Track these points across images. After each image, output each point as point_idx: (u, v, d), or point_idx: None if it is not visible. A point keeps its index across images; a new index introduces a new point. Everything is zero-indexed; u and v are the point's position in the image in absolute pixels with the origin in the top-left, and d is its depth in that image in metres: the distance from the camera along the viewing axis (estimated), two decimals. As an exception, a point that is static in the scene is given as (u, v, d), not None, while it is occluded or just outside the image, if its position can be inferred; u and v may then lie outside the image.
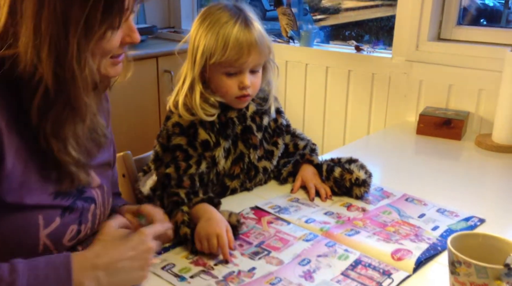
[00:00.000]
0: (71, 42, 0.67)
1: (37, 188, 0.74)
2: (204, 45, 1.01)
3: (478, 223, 1.01)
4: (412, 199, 1.11)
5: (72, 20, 0.67)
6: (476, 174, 1.32)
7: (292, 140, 1.24)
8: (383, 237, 0.93)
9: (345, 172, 1.10)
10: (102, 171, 0.89)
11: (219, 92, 1.06)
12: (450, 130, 1.57)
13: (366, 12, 2.98)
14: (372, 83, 1.88)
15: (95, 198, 0.84)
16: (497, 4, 2.36)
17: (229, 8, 1.04)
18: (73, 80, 0.69)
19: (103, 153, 0.90)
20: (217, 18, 1.02)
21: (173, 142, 1.04)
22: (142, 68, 2.09)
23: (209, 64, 1.02)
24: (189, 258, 0.87)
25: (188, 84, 1.04)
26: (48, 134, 0.72)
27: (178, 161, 1.03)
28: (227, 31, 1.00)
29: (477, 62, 1.62)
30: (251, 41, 1.01)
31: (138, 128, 2.12)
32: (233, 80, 1.04)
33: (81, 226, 0.81)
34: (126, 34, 0.77)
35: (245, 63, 1.02)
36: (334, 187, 1.11)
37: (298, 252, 0.89)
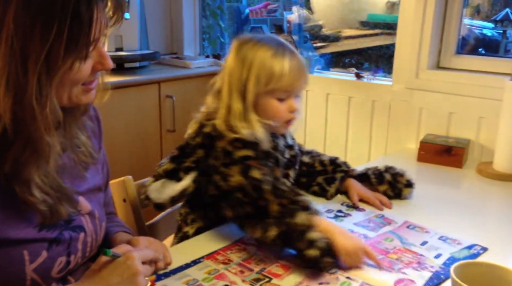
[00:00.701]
0: (30, 80, 0.64)
1: (20, 222, 0.71)
2: (257, 77, 1.06)
3: (481, 251, 1.00)
4: (414, 226, 1.11)
5: (31, 56, 0.63)
6: (477, 202, 1.31)
7: (312, 157, 1.30)
8: (385, 265, 0.92)
9: (397, 176, 1.25)
10: (92, 196, 0.87)
11: (269, 117, 1.10)
12: (451, 157, 1.57)
13: (366, 40, 3.02)
14: (372, 110, 1.89)
15: (84, 226, 0.82)
16: (495, 34, 2.39)
17: (268, 41, 1.10)
18: (33, 119, 0.65)
19: (93, 177, 0.88)
20: (263, 51, 1.07)
21: (238, 154, 1.02)
22: (144, 93, 2.11)
23: (261, 92, 1.07)
24: (189, 284, 0.86)
25: (237, 114, 1.06)
26: (8, 175, 0.68)
27: (255, 166, 1.01)
28: (279, 61, 1.07)
29: (477, 91, 1.64)
30: (301, 67, 1.10)
31: (139, 152, 2.12)
32: (284, 105, 1.10)
33: (70, 257, 0.79)
34: (97, 61, 0.74)
35: (297, 87, 1.10)
36: (388, 190, 1.24)
37: (300, 279, 0.88)
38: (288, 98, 1.10)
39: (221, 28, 2.67)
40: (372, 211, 1.19)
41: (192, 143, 1.09)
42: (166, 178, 1.10)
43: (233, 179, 0.99)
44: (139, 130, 2.11)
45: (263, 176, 0.98)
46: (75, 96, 0.74)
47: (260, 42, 1.09)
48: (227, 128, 1.05)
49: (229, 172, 1.00)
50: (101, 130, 0.95)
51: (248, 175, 0.98)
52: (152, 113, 2.15)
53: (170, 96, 2.17)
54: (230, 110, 1.07)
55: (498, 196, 1.40)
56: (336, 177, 1.26)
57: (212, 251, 0.98)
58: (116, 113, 1.99)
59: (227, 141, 1.04)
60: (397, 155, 1.72)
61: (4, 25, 0.63)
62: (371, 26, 3.08)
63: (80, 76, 0.72)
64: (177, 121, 2.22)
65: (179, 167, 1.10)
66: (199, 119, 1.12)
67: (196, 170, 1.09)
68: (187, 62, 2.33)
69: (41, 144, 0.68)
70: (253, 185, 0.97)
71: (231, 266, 0.92)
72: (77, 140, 0.83)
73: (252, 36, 1.12)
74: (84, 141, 0.84)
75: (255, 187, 0.97)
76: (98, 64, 0.74)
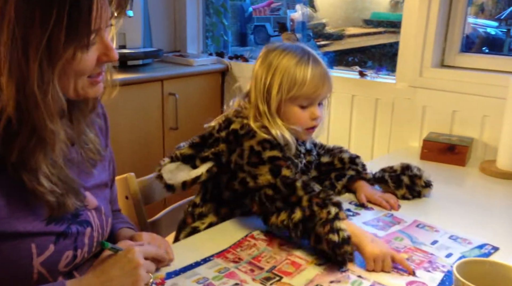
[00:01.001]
0: (32, 67, 0.64)
1: (28, 215, 0.72)
2: (280, 83, 1.09)
3: (492, 251, 1.00)
4: (424, 226, 1.10)
5: (32, 43, 0.64)
6: (482, 201, 1.31)
7: (331, 155, 1.31)
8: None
9: (415, 178, 1.24)
10: (99, 192, 0.87)
11: (291, 124, 1.11)
12: (454, 156, 1.56)
13: (369, 38, 3.02)
14: (375, 108, 1.89)
15: (91, 221, 0.83)
16: (499, 33, 2.39)
17: (294, 49, 1.12)
18: (35, 107, 0.66)
19: (101, 173, 0.88)
20: (287, 59, 1.09)
21: (267, 155, 1.04)
22: (147, 91, 2.11)
23: (284, 99, 1.09)
24: (199, 282, 0.86)
25: (267, 117, 1.09)
26: (16, 165, 0.69)
27: (285, 166, 1.03)
28: (302, 69, 1.08)
29: (481, 89, 1.64)
30: (324, 75, 1.11)
31: (142, 150, 2.13)
32: (306, 112, 1.12)
33: (77, 251, 0.79)
34: (103, 53, 0.73)
35: (320, 95, 1.12)
36: (407, 194, 1.24)
37: (311, 277, 0.88)
38: (311, 106, 1.12)
39: (225, 26, 2.67)
40: (380, 210, 1.19)
41: (215, 135, 1.11)
42: (183, 161, 1.12)
43: (263, 178, 1.01)
44: (142, 127, 2.11)
45: (293, 174, 1.01)
46: (81, 89, 0.74)
47: (286, 50, 1.11)
48: (258, 127, 1.07)
49: (258, 171, 1.02)
50: (108, 128, 0.95)
51: (279, 174, 1.00)
52: (155, 110, 2.15)
53: (173, 93, 2.17)
54: (260, 112, 1.10)
55: (502, 194, 1.39)
56: (346, 174, 1.27)
57: (222, 249, 0.98)
58: (119, 110, 1.99)
59: (256, 141, 1.05)
60: (400, 153, 1.71)
61: (5, 14, 0.64)
62: (374, 24, 3.07)
63: (84, 67, 0.71)
64: (179, 119, 2.22)
65: (197, 155, 1.12)
66: (227, 114, 1.13)
67: (213, 161, 1.11)
68: (190, 60, 2.33)
69: (46, 132, 0.68)
70: (285, 183, 0.99)
71: (241, 265, 0.92)
72: (85, 137, 0.83)
73: (280, 44, 1.14)
74: (92, 138, 0.85)
75: (287, 185, 0.99)
76: (103, 56, 0.74)
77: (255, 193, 1.02)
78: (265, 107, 1.09)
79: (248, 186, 1.03)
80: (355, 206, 1.21)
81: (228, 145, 1.08)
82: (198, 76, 2.31)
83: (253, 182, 1.02)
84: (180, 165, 1.11)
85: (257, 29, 3.57)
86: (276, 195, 0.99)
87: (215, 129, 1.12)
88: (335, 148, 1.33)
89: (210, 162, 1.11)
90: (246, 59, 2.41)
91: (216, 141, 1.11)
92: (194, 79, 2.30)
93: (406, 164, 1.27)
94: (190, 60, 2.33)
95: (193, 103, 2.30)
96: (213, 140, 1.12)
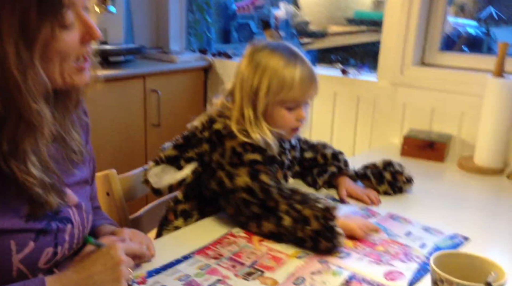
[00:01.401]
0: (8, 50, 0.64)
1: (7, 212, 0.71)
2: (268, 86, 1.08)
3: (463, 240, 1.03)
4: (398, 218, 1.13)
5: (4, 25, 0.63)
6: (458, 195, 1.34)
7: (315, 151, 1.31)
8: (374, 258, 0.94)
9: (397, 174, 1.26)
10: (79, 189, 0.87)
11: (276, 125, 1.12)
12: (433, 152, 1.59)
13: (352, 37, 3.04)
14: (357, 105, 1.91)
15: (71, 218, 0.82)
16: (479, 33, 2.43)
17: (282, 49, 1.11)
18: (17, 90, 0.65)
19: (81, 171, 0.88)
20: (275, 60, 1.09)
21: (248, 157, 1.05)
22: (129, 88, 2.10)
23: (272, 101, 1.09)
24: (181, 280, 0.86)
25: (250, 120, 1.09)
26: (6, 153, 0.68)
27: (263, 171, 1.04)
28: (291, 71, 1.08)
29: (459, 87, 1.67)
30: (312, 76, 1.11)
31: (124, 147, 2.11)
32: (292, 113, 1.12)
33: (57, 248, 0.78)
34: (84, 32, 0.73)
35: (307, 97, 1.12)
36: (389, 189, 1.26)
37: (292, 270, 0.89)
38: (297, 107, 1.12)
39: (208, 23, 2.66)
40: (356, 203, 1.21)
41: (199, 135, 1.11)
42: (167, 163, 1.12)
43: (240, 179, 1.02)
44: (124, 124, 2.10)
45: (270, 180, 1.02)
46: (68, 75, 0.73)
47: (274, 51, 1.10)
48: (239, 131, 1.07)
49: (237, 172, 1.03)
50: (88, 124, 0.94)
51: (257, 179, 1.01)
52: (137, 107, 2.14)
53: (156, 90, 2.16)
54: (243, 115, 1.09)
55: (478, 189, 1.42)
56: (327, 170, 1.28)
57: (202, 246, 0.98)
58: (101, 107, 1.97)
59: (238, 142, 1.05)
60: (381, 150, 1.74)
61: None
62: (357, 23, 3.10)
63: (67, 48, 0.70)
64: (162, 116, 2.21)
65: (181, 156, 1.12)
66: (210, 114, 1.12)
67: (198, 162, 1.11)
68: (173, 56, 2.32)
69: (31, 114, 0.67)
70: (262, 188, 1.00)
71: (222, 261, 0.92)
72: (69, 137, 0.82)
73: (266, 44, 1.13)
74: (75, 138, 0.84)
75: (264, 190, 1.00)
76: (86, 35, 0.73)
77: (230, 195, 1.03)
78: (250, 111, 1.09)
79: (224, 186, 1.04)
80: (332, 200, 1.22)
81: (211, 145, 1.08)
82: (180, 73, 2.30)
83: (230, 183, 1.03)
84: (165, 167, 1.11)
85: (241, 27, 3.57)
86: (252, 199, 1.00)
87: (198, 129, 1.12)
88: (318, 143, 1.34)
89: (195, 162, 1.11)
90: (230, 56, 2.40)
91: (199, 141, 1.11)
92: (176, 76, 2.29)
93: (388, 160, 1.29)
94: (172, 57, 2.32)
95: (176, 100, 2.29)
96: (196, 141, 1.11)
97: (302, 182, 1.34)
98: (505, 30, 2.38)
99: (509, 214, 1.25)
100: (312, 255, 0.94)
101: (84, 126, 0.92)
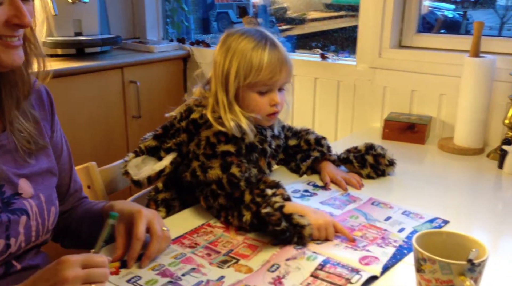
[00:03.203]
0: None
1: None
2: (237, 69, 1.07)
3: (442, 224, 1.03)
4: (378, 203, 1.13)
5: None
6: (439, 177, 1.35)
7: (298, 138, 1.31)
8: (350, 244, 0.93)
9: (379, 157, 1.26)
10: (39, 179, 0.85)
11: (250, 110, 1.10)
12: (414, 134, 1.60)
13: (331, 22, 3.03)
14: (338, 90, 1.91)
15: (27, 209, 0.80)
16: (456, 15, 2.44)
17: (253, 33, 1.10)
18: None
19: (41, 161, 0.86)
20: (244, 43, 1.08)
21: (221, 149, 1.04)
22: (107, 79, 2.05)
23: (242, 85, 1.07)
24: (155, 269, 0.85)
25: (224, 106, 1.07)
26: None
27: (235, 163, 1.02)
28: (259, 54, 1.07)
29: (437, 68, 1.68)
30: (282, 60, 1.09)
31: (104, 139, 2.08)
32: (265, 98, 1.10)
33: (9, 240, 0.76)
34: (13, 14, 0.71)
35: (278, 81, 1.09)
36: (371, 173, 1.25)
37: (267, 257, 0.88)
38: (270, 92, 1.10)
39: (185, 12, 2.62)
40: (338, 189, 1.20)
41: (177, 125, 1.11)
42: (148, 154, 1.11)
43: (213, 172, 1.01)
44: (103, 116, 2.06)
45: (240, 173, 1.00)
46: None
47: (244, 34, 1.09)
48: (214, 119, 1.05)
49: (210, 164, 1.02)
50: (53, 112, 0.92)
51: (228, 171, 1.00)
52: (116, 99, 2.10)
53: (134, 81, 2.13)
54: (218, 101, 1.08)
55: (459, 170, 1.44)
56: (310, 155, 1.28)
57: (178, 236, 0.97)
58: (78, 99, 1.93)
59: (212, 132, 1.05)
60: (362, 134, 1.74)
61: None
62: (335, 8, 3.09)
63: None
64: (142, 107, 2.18)
65: (161, 146, 1.11)
66: (188, 103, 1.12)
67: (177, 152, 1.10)
68: (150, 46, 2.29)
69: None
70: (231, 181, 0.99)
71: (197, 250, 0.91)
72: (19, 125, 0.81)
73: (239, 29, 1.12)
74: (27, 127, 0.82)
75: (231, 183, 0.99)
76: (13, 17, 0.71)
77: (203, 187, 1.03)
78: (223, 96, 1.07)
79: (198, 178, 1.03)
80: (313, 187, 1.22)
81: (188, 135, 1.08)
82: (159, 63, 2.27)
83: (203, 176, 1.02)
84: (145, 158, 1.11)
85: (220, 16, 3.53)
86: (220, 190, 1.00)
87: (177, 119, 1.11)
88: (302, 130, 1.34)
89: (174, 152, 1.10)
90: (208, 45, 2.38)
91: (178, 131, 1.10)
92: (155, 66, 2.25)
93: (370, 143, 1.29)
94: (150, 47, 2.28)
95: (156, 91, 2.26)
96: (175, 130, 1.11)
97: (286, 169, 1.33)
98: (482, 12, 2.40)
99: (489, 193, 1.26)
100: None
101: (47, 114, 0.90)
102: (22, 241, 0.79)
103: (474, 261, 0.67)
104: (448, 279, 0.69)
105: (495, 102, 1.56)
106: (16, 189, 0.80)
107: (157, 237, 0.86)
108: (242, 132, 1.06)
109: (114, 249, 0.88)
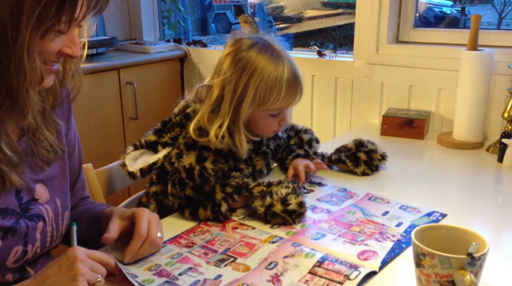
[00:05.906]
0: (22, 32, 0.64)
1: None
2: (254, 95, 1.03)
3: (440, 217, 1.02)
4: (375, 198, 1.11)
5: (25, 10, 0.64)
6: (438, 171, 1.34)
7: (296, 136, 1.31)
8: (348, 238, 0.92)
9: (372, 153, 1.25)
10: (55, 183, 0.84)
11: (258, 130, 1.11)
12: (412, 130, 1.59)
13: (328, 20, 3.02)
14: (335, 87, 1.90)
15: (43, 215, 0.80)
16: (454, 11, 2.43)
17: (268, 51, 1.05)
18: (20, 70, 0.66)
19: (55, 166, 0.86)
20: (261, 66, 1.03)
21: (202, 143, 1.04)
22: (104, 81, 2.05)
23: (256, 110, 1.06)
24: (152, 270, 0.84)
25: (227, 125, 1.04)
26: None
27: (210, 159, 1.02)
28: (278, 80, 1.03)
29: (435, 63, 1.66)
30: (300, 86, 1.08)
31: (102, 141, 2.07)
32: (276, 118, 1.10)
33: (27, 246, 0.76)
34: (67, 45, 0.73)
35: (292, 104, 1.10)
36: (366, 169, 1.24)
37: (265, 255, 0.87)
38: (281, 113, 1.10)
39: (182, 12, 2.61)
40: (334, 185, 1.19)
41: (173, 120, 1.13)
42: (147, 148, 1.12)
43: (186, 159, 1.02)
44: (100, 118, 2.05)
45: (213, 171, 1.01)
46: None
47: (260, 54, 1.04)
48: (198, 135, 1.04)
49: (187, 152, 1.03)
50: (70, 110, 0.94)
51: (202, 164, 1.01)
52: (113, 100, 2.09)
53: (131, 82, 2.12)
54: (221, 125, 1.05)
55: (458, 164, 1.43)
56: (295, 151, 1.27)
57: (174, 235, 0.96)
58: (76, 101, 1.92)
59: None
60: (361, 131, 1.73)
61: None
62: (333, 6, 3.08)
63: (48, 48, 0.70)
64: (139, 108, 2.17)
65: (159, 141, 1.12)
66: (187, 99, 1.14)
67: (172, 146, 1.10)
68: (147, 47, 2.28)
69: (24, 96, 0.68)
70: (201, 173, 1.00)
71: (194, 249, 0.90)
72: (41, 134, 0.81)
73: (252, 42, 1.06)
74: (49, 137, 0.83)
75: (202, 176, 1.00)
76: (66, 48, 0.73)
77: (174, 172, 1.03)
78: (228, 118, 1.04)
79: (172, 164, 1.04)
80: (310, 184, 1.21)
81: (181, 128, 1.10)
82: (156, 64, 2.26)
83: (177, 162, 1.03)
84: (144, 152, 1.11)
85: (218, 17, 3.52)
86: (189, 180, 1.01)
87: (174, 114, 1.13)
88: (303, 129, 1.33)
89: (169, 147, 1.10)
90: (205, 44, 2.37)
91: (173, 125, 1.12)
92: (152, 66, 2.24)
93: (359, 140, 1.28)
94: (146, 48, 2.27)
95: (153, 91, 2.25)
96: (171, 125, 1.13)
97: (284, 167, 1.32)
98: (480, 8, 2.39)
99: (489, 187, 1.25)
100: (286, 239, 0.93)
101: (65, 115, 0.92)
102: (38, 247, 0.79)
103: (474, 255, 0.66)
104: (448, 274, 0.67)
105: (494, 96, 1.55)
106: (33, 195, 0.79)
107: (150, 240, 0.85)
108: (236, 151, 1.06)
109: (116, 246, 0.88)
